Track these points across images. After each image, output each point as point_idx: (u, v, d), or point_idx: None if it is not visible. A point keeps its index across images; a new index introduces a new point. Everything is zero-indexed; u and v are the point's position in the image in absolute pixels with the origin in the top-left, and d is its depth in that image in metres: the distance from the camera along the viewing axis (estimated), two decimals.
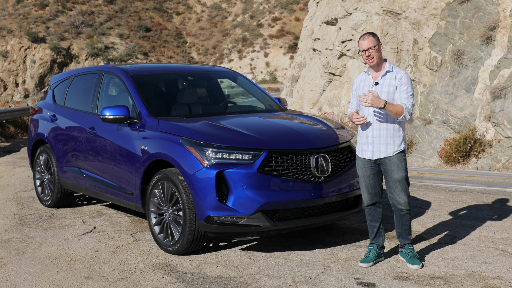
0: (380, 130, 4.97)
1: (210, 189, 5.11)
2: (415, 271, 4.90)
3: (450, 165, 12.36)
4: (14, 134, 19.70)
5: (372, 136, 5.00)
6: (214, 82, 7.46)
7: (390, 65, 5.02)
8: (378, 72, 5.03)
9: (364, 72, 5.16)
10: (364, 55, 4.96)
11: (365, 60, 5.00)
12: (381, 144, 4.97)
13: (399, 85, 4.95)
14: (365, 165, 5.08)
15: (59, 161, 7.39)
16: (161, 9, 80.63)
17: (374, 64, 4.98)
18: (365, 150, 5.07)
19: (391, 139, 4.97)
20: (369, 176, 5.08)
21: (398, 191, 4.98)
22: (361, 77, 5.18)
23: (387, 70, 5.00)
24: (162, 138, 5.66)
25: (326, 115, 16.99)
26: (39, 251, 5.78)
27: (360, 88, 5.10)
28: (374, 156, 5.01)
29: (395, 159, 4.97)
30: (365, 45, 4.92)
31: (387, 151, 4.97)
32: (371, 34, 4.98)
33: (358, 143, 5.15)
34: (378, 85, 4.98)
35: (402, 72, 5.02)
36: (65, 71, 8.42)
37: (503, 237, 5.91)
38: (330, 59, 18.76)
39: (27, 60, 59.71)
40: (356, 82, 5.19)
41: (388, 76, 4.98)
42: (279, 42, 70.60)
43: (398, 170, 4.96)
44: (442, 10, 14.02)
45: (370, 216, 5.17)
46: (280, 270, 5.01)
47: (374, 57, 4.94)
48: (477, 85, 12.80)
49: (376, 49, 4.94)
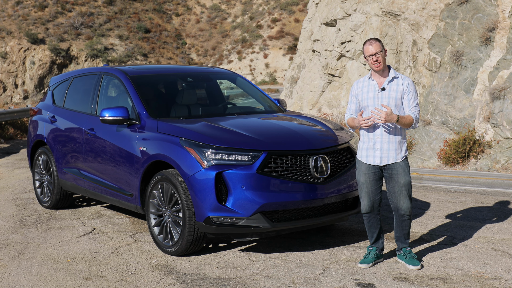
0: (389, 136, 4.93)
1: (209, 190, 5.12)
2: (414, 272, 4.90)
3: (449, 166, 12.37)
4: (13, 135, 19.70)
5: (381, 142, 4.94)
6: (214, 83, 7.46)
7: (395, 72, 5.00)
8: (383, 78, 4.98)
9: (367, 77, 5.07)
10: (371, 60, 4.91)
11: (370, 66, 4.95)
12: (390, 150, 4.93)
13: (406, 93, 4.93)
14: (369, 171, 5.02)
15: (59, 162, 7.39)
16: (160, 10, 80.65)
17: (380, 69, 4.94)
18: (371, 156, 5.00)
19: (399, 145, 4.95)
20: (371, 183, 5.03)
21: (403, 196, 4.95)
22: (362, 82, 5.09)
23: (394, 76, 4.96)
24: (161, 139, 5.66)
25: (326, 116, 16.99)
26: (39, 252, 5.78)
27: (364, 94, 5.01)
28: (382, 162, 4.96)
29: (402, 164, 4.95)
30: (372, 50, 4.89)
31: (396, 157, 4.94)
32: (377, 39, 4.95)
33: (362, 149, 5.06)
34: (385, 90, 4.94)
35: (408, 79, 4.99)
36: (64, 72, 8.43)
37: (502, 238, 5.91)
38: (329, 60, 18.78)
39: (26, 62, 59.69)
40: (356, 87, 5.09)
41: (395, 82, 4.95)
42: (279, 43, 70.63)
43: (404, 174, 4.94)
44: (441, 11, 14.04)
45: (369, 223, 5.13)
46: (280, 271, 5.01)
47: (381, 62, 4.90)
48: (476, 86, 12.81)
49: (383, 54, 4.92)
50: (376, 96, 4.96)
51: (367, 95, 5.00)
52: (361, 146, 5.09)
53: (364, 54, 4.98)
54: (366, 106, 4.99)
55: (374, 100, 4.95)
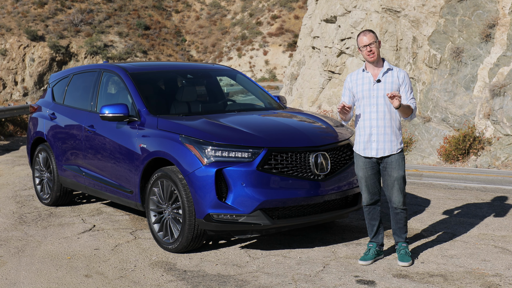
0: (385, 128, 4.95)
1: (209, 187, 5.11)
2: (415, 268, 4.90)
3: (449, 163, 12.37)
4: (13, 132, 19.70)
5: (377, 133, 4.97)
6: (214, 80, 7.46)
7: (389, 64, 5.04)
8: (378, 70, 5.01)
9: (361, 70, 5.09)
10: (365, 51, 4.93)
11: (365, 56, 4.97)
12: (386, 142, 4.96)
13: (402, 85, 4.95)
14: (366, 165, 5.05)
15: (59, 159, 7.39)
16: (160, 7, 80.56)
17: (375, 60, 4.96)
18: (367, 148, 5.02)
19: (395, 136, 4.97)
20: (369, 176, 5.06)
21: (395, 190, 4.99)
22: (356, 75, 5.11)
23: (388, 68, 4.99)
24: (161, 136, 5.65)
25: (325, 113, 17.00)
26: (39, 249, 5.78)
27: (358, 86, 5.04)
28: (379, 154, 4.98)
29: (397, 157, 4.97)
30: (366, 41, 4.91)
31: (392, 148, 4.96)
32: (370, 31, 4.99)
33: (359, 142, 5.08)
34: (380, 82, 4.96)
35: (403, 71, 5.02)
36: (64, 69, 8.41)
37: (502, 234, 5.91)
38: (329, 57, 18.76)
39: (26, 59, 59.65)
40: (350, 80, 5.11)
41: (390, 74, 4.98)
42: (278, 40, 70.57)
43: (398, 168, 4.96)
44: (441, 7, 14.02)
45: (370, 215, 5.17)
46: (280, 268, 5.01)
47: (375, 52, 4.93)
48: (476, 82, 12.80)
49: (377, 45, 4.94)
50: (371, 88, 4.98)
51: (362, 87, 5.02)
52: (357, 139, 5.11)
53: (358, 45, 5.00)
54: (361, 98, 5.02)
55: (369, 92, 4.98)
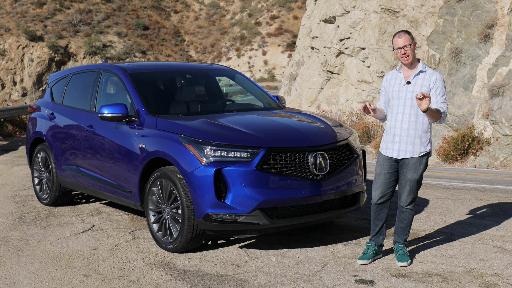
0: (409, 130, 4.91)
1: (208, 187, 5.12)
2: (414, 268, 4.91)
3: (448, 163, 12.38)
4: (12, 132, 19.70)
5: (400, 135, 4.94)
6: (213, 80, 7.46)
7: (424, 65, 4.96)
8: (410, 71, 4.96)
9: (395, 69, 5.09)
10: (399, 53, 4.89)
11: (399, 58, 4.94)
12: (408, 144, 4.92)
13: (433, 88, 4.87)
14: (385, 163, 5.05)
15: (58, 159, 7.39)
16: (159, 7, 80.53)
17: (409, 63, 4.91)
18: (389, 148, 5.02)
19: (419, 140, 4.92)
20: (385, 175, 5.05)
21: (406, 190, 4.98)
22: (391, 74, 5.12)
23: (420, 70, 4.92)
24: (160, 136, 5.66)
25: (325, 113, 17.00)
26: (38, 249, 5.78)
27: (391, 86, 5.03)
28: (400, 156, 4.96)
29: (415, 160, 4.93)
30: (401, 43, 4.86)
31: (414, 151, 4.92)
32: (407, 32, 4.92)
33: (384, 140, 5.10)
34: (410, 84, 4.92)
35: (436, 73, 4.93)
36: (63, 70, 8.41)
37: (501, 234, 5.92)
38: (328, 57, 18.77)
39: (25, 59, 59.59)
40: (385, 80, 5.14)
41: (421, 76, 4.91)
42: (277, 40, 70.56)
43: (413, 171, 4.93)
44: (440, 8, 14.03)
45: (375, 214, 5.14)
46: (279, 267, 5.02)
47: (409, 55, 4.88)
48: (475, 83, 12.82)
49: (412, 47, 4.88)
50: (401, 89, 4.96)
51: (393, 88, 5.02)
52: (384, 138, 5.12)
53: (393, 46, 4.95)
54: (391, 99, 5.02)
55: (398, 93, 4.96)
